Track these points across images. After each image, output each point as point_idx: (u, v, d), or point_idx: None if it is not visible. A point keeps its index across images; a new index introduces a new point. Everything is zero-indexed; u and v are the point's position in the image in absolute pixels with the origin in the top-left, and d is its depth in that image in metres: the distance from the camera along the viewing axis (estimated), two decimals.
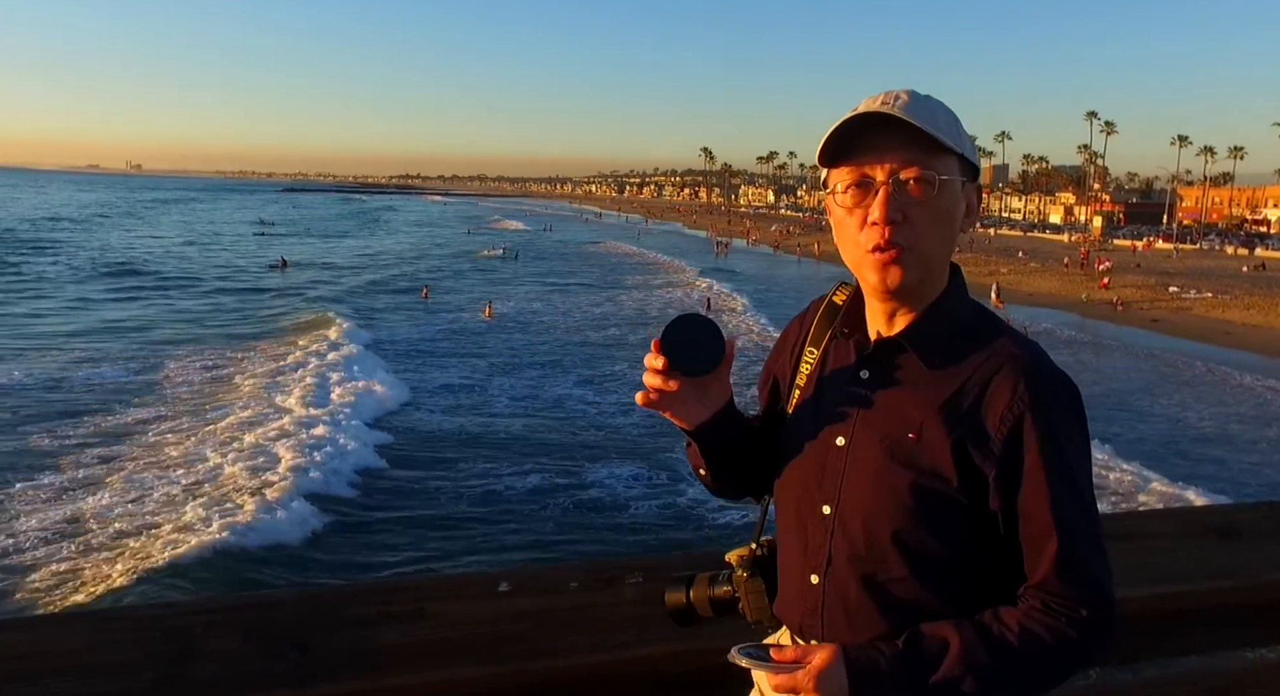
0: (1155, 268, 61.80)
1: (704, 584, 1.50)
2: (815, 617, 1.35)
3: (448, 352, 30.33)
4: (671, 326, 1.32)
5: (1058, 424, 1.25)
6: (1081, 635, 1.21)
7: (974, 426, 1.25)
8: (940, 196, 1.27)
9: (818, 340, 1.45)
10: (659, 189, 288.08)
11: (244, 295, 43.56)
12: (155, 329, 32.83)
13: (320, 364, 25.84)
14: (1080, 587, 1.22)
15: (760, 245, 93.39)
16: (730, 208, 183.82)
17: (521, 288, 50.56)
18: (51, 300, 39.81)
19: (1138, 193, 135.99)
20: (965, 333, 1.32)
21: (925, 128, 1.24)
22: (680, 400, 1.34)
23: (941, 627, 1.23)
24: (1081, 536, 1.23)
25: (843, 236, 1.33)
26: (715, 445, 1.41)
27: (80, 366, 25.71)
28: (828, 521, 1.33)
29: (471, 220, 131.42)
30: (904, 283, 1.28)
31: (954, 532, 1.27)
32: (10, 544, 13.36)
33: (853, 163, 1.29)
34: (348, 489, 16.21)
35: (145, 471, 16.56)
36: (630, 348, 30.97)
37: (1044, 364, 1.28)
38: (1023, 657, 1.21)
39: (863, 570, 1.30)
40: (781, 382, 1.50)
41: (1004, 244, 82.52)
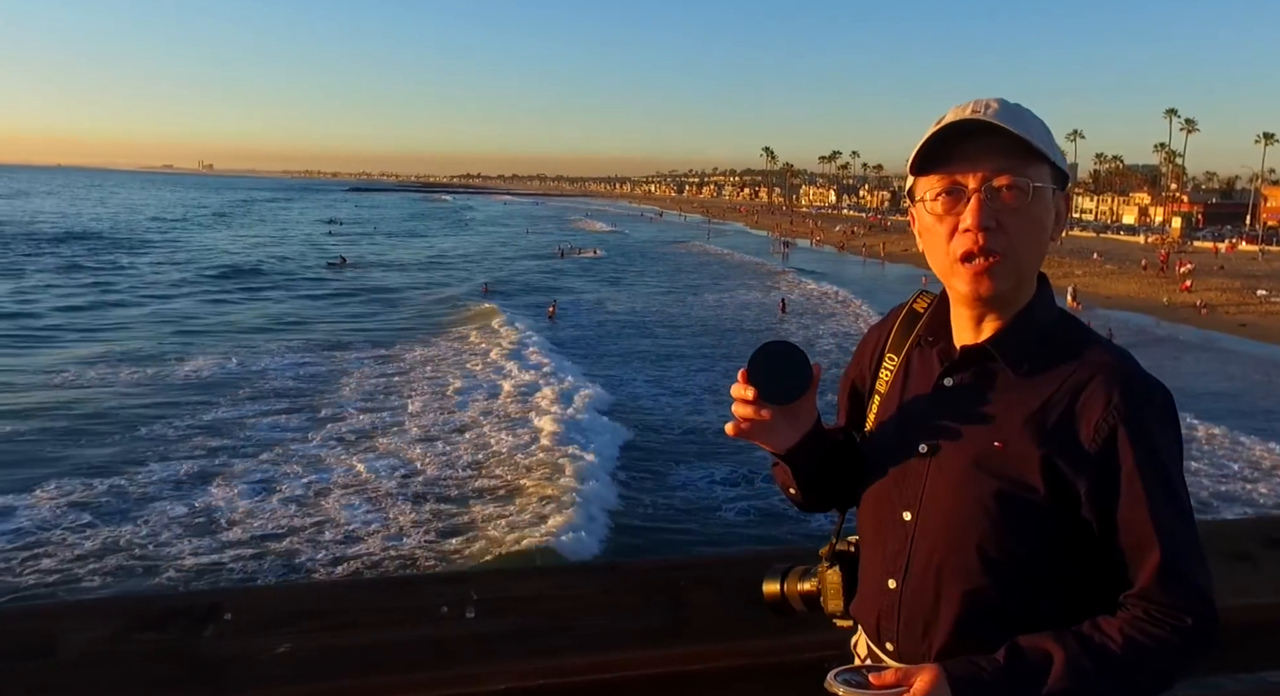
0: (1240, 270, 59.52)
1: (796, 577, 1.52)
2: (891, 620, 1.35)
3: (613, 351, 30.93)
4: (758, 355, 1.31)
5: (1154, 432, 1.24)
6: (1186, 643, 1.21)
7: (1065, 436, 1.24)
8: (1033, 204, 1.27)
9: (898, 347, 1.45)
10: (719, 189, 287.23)
11: (383, 295, 44.42)
12: (310, 324, 34.27)
13: (504, 352, 28.14)
14: (1183, 596, 1.21)
15: (824, 246, 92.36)
16: (792, 208, 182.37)
17: (634, 286, 51.71)
18: (188, 299, 41.00)
19: (1217, 192, 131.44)
20: (1053, 340, 1.31)
21: (1019, 133, 1.24)
22: (771, 428, 1.34)
23: (1042, 639, 1.21)
24: (1183, 544, 1.23)
25: (931, 244, 1.32)
26: (806, 465, 1.41)
27: (282, 356, 27.00)
28: (907, 527, 1.34)
29: (551, 219, 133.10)
30: (996, 290, 1.28)
31: (1038, 542, 1.26)
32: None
33: (943, 170, 1.28)
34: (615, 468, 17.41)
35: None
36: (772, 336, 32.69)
37: (1137, 372, 1.27)
38: (1128, 667, 1.20)
39: (943, 577, 1.30)
40: (861, 390, 1.50)
41: (1076, 245, 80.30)
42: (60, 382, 23.32)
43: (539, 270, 59.22)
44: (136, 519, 14.18)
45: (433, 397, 22.46)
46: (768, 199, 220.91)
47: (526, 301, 42.16)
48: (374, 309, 39.10)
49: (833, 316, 40.69)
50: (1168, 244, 79.21)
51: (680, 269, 62.74)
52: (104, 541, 13.23)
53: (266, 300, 41.28)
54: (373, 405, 21.47)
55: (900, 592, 1.34)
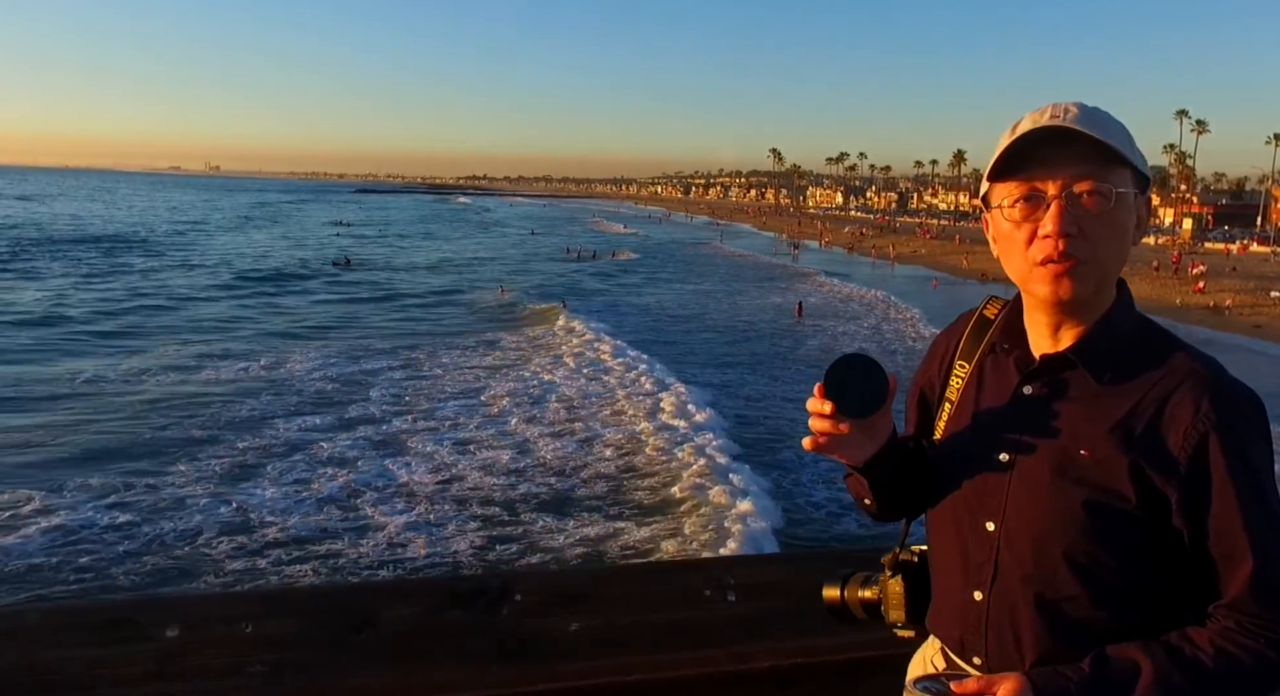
0: (1253, 272, 59.43)
1: (857, 583, 1.51)
2: (979, 634, 1.33)
3: (688, 355, 31.02)
4: (834, 368, 1.30)
5: (1246, 441, 1.22)
6: (1279, 656, 1.19)
7: (1153, 444, 1.22)
8: (1115, 209, 1.25)
9: (969, 354, 1.44)
10: (725, 190, 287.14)
11: (438, 297, 44.48)
12: (360, 320, 34.80)
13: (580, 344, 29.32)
14: (1277, 608, 1.19)
15: (833, 247, 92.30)
16: (799, 209, 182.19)
17: (676, 285, 52.24)
18: (229, 302, 40.78)
19: (1226, 193, 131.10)
20: (1137, 347, 1.29)
21: (1100, 138, 1.22)
22: (848, 441, 1.33)
23: (1129, 649, 1.19)
24: (1276, 555, 1.21)
25: (1008, 250, 1.30)
26: (883, 477, 1.40)
27: (363, 355, 27.53)
28: (992, 538, 1.32)
29: (569, 221, 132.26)
30: (1077, 295, 1.26)
31: (1129, 551, 1.25)
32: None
33: (1020, 177, 1.27)
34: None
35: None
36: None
37: (1226, 379, 1.25)
38: (1219, 680, 1.18)
39: (1032, 588, 1.28)
40: (930, 398, 1.49)
41: None
42: (187, 381, 23.85)
43: (588, 273, 58.87)
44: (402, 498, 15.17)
45: (577, 388, 23.48)
46: (774, 200, 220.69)
47: (592, 305, 42.30)
48: (448, 312, 39.38)
49: (886, 321, 40.40)
50: (1179, 245, 79.06)
51: (713, 270, 63.02)
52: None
53: (327, 302, 41.28)
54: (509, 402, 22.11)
55: (987, 605, 1.32)
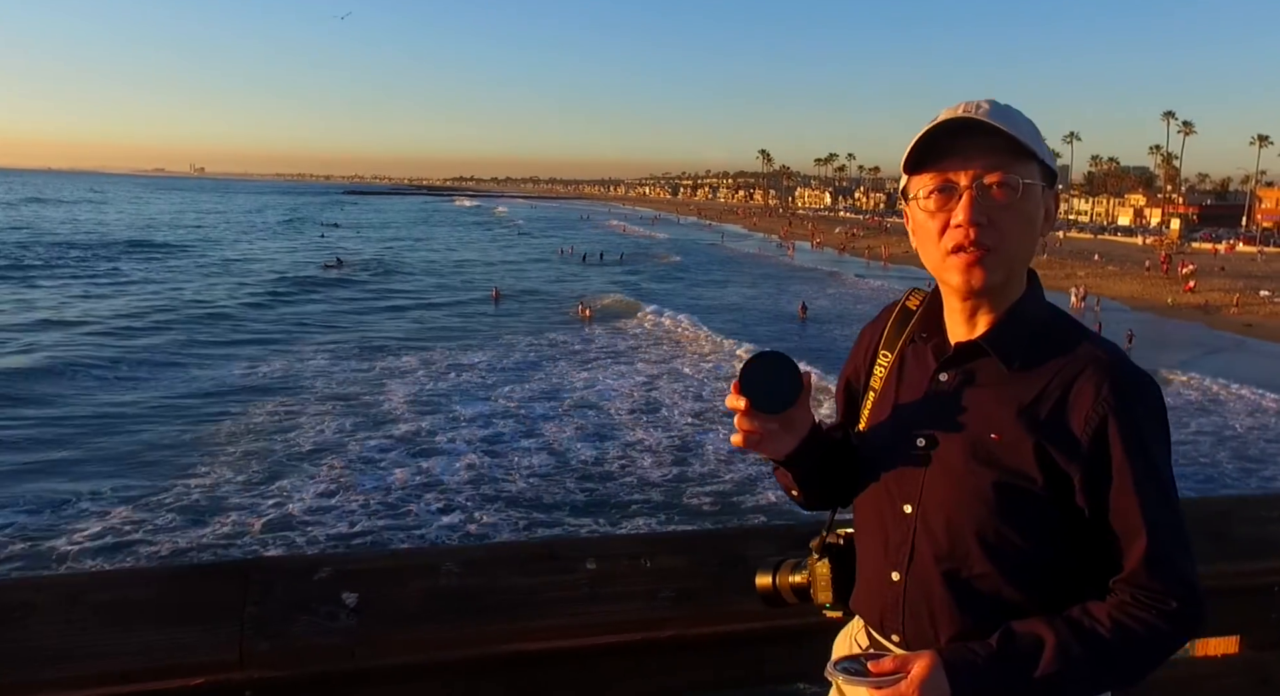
0: (1240, 271, 60.17)
1: (788, 569, 1.57)
2: (896, 613, 1.38)
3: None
4: (748, 368, 1.34)
5: (1142, 423, 1.28)
6: (1171, 626, 1.26)
7: (1058, 427, 1.28)
8: (1023, 200, 1.30)
9: (891, 344, 1.49)
10: (713, 191, 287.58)
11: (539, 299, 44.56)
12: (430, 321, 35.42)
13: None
14: (1169, 581, 1.26)
15: (825, 247, 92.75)
16: (789, 209, 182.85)
17: (732, 286, 53.18)
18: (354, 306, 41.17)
19: (1211, 194, 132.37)
20: (1045, 335, 1.35)
21: (1009, 131, 1.28)
22: (769, 436, 1.38)
23: (1034, 624, 1.25)
24: (1169, 532, 1.27)
25: (924, 240, 1.35)
26: (806, 468, 1.44)
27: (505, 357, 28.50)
28: (909, 520, 1.37)
29: (583, 222, 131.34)
30: (987, 283, 1.31)
31: (1036, 530, 1.30)
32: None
33: (936, 169, 1.32)
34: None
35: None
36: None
37: (1126, 364, 1.31)
38: (1116, 650, 1.24)
39: (945, 567, 1.33)
40: (856, 387, 1.54)
41: (1075, 247, 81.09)
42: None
43: (647, 274, 58.93)
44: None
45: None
46: (763, 201, 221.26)
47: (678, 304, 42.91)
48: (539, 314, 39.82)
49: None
50: (1166, 245, 79.91)
51: (742, 271, 63.82)
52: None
53: (408, 308, 41.16)
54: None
55: (904, 585, 1.37)
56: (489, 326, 36.03)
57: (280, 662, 1.54)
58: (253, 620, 1.56)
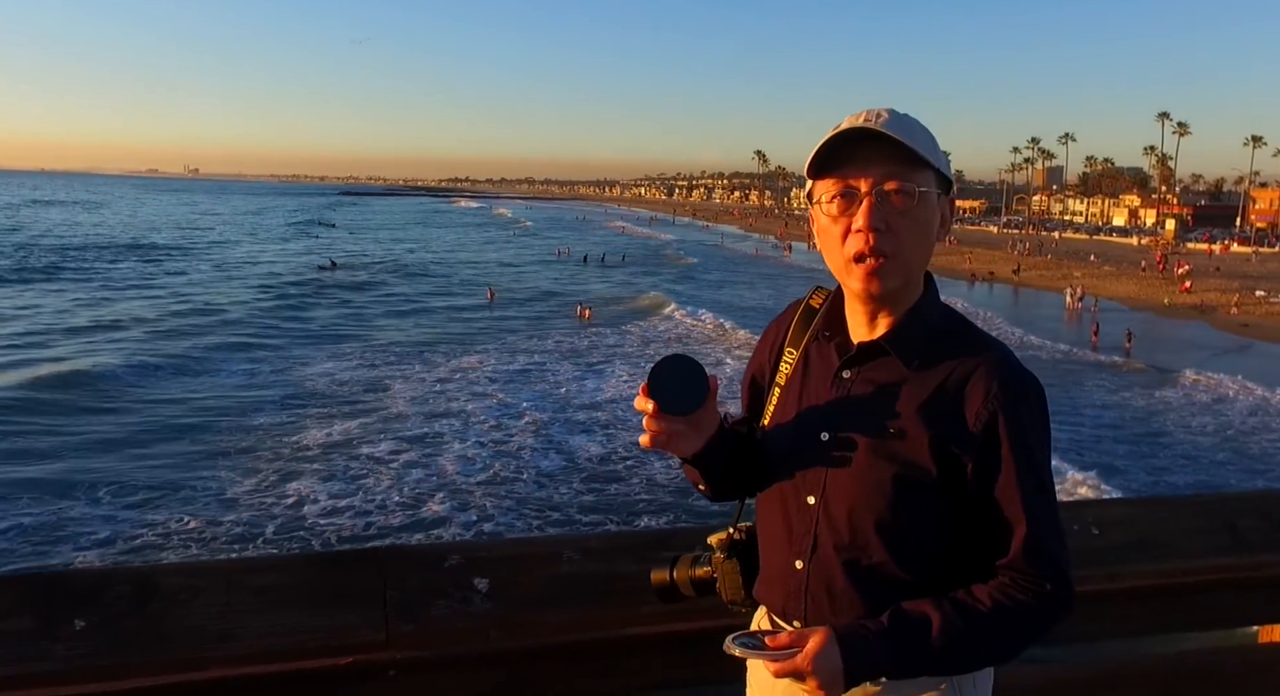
0: (1236, 271, 60.48)
1: (686, 564, 1.63)
2: (799, 600, 1.45)
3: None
4: (655, 370, 1.38)
5: (1025, 420, 1.37)
6: (1045, 608, 1.36)
7: (952, 423, 1.36)
8: (919, 207, 1.37)
9: (796, 341, 1.54)
10: (709, 192, 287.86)
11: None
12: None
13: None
14: (1044, 566, 1.36)
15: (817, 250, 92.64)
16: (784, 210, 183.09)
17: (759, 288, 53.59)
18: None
19: (1205, 194, 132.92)
20: (941, 335, 1.43)
21: (906, 142, 1.34)
22: (677, 436, 1.42)
23: (921, 604, 1.34)
24: (1045, 522, 1.37)
25: (827, 243, 1.41)
26: (714, 465, 1.50)
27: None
28: (812, 511, 1.43)
29: (582, 224, 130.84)
30: (885, 289, 1.38)
31: (931, 519, 1.38)
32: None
33: (838, 174, 1.38)
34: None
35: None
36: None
37: (1013, 365, 1.40)
38: (994, 627, 1.34)
39: (847, 556, 1.40)
40: (761, 382, 1.59)
41: (1071, 247, 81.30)
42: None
43: (674, 278, 58.81)
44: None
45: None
46: (759, 202, 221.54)
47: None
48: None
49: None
50: (1162, 245, 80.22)
51: (761, 274, 64.32)
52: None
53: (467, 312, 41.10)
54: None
55: (807, 572, 1.44)
56: (527, 325, 36.44)
57: (423, 643, 1.64)
58: (394, 604, 1.65)
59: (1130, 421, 23.78)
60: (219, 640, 1.55)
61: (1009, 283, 58.11)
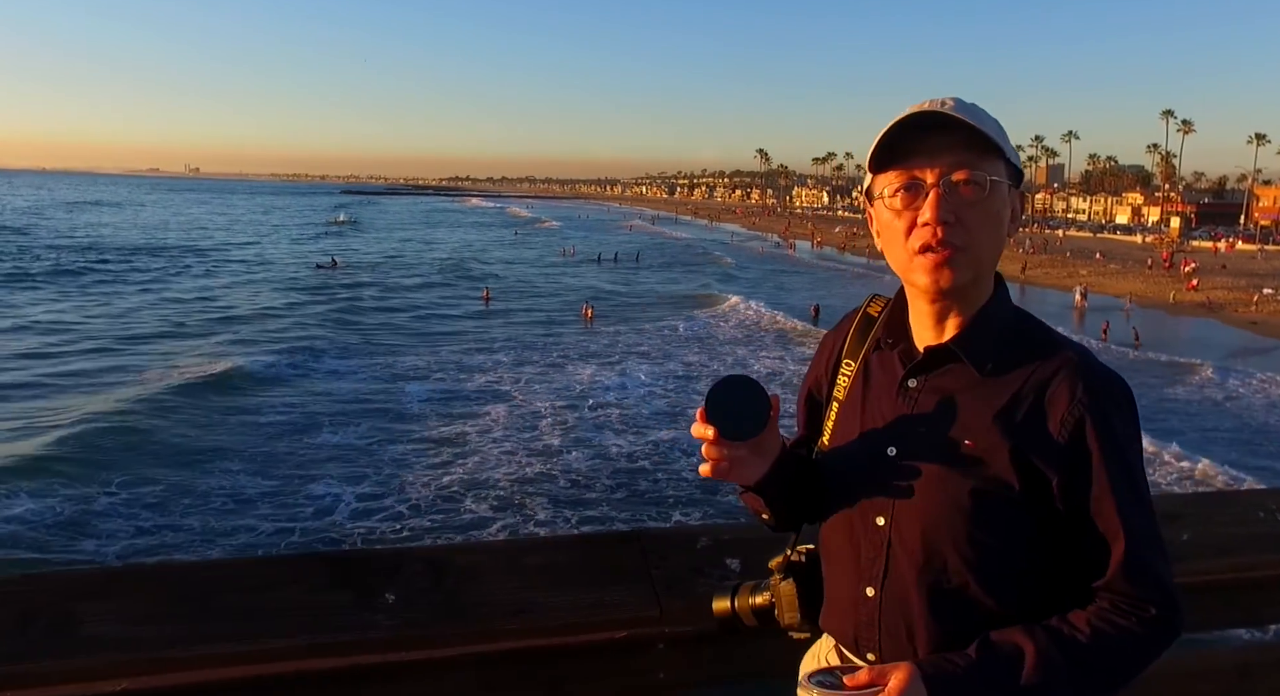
0: (1242, 269, 60.63)
1: (747, 592, 1.53)
2: (872, 629, 1.35)
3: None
4: (714, 393, 1.29)
5: (1117, 426, 1.26)
6: (1150, 632, 1.24)
7: (1034, 431, 1.26)
8: (991, 198, 1.27)
9: (854, 352, 1.45)
10: (710, 190, 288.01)
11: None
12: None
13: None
14: (1147, 587, 1.24)
15: (825, 247, 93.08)
16: (787, 209, 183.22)
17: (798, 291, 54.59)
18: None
19: (1209, 192, 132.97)
20: (1015, 338, 1.33)
21: (978, 127, 1.25)
22: (739, 463, 1.33)
23: (1013, 633, 1.23)
24: (1145, 537, 1.25)
25: (890, 240, 1.32)
26: (778, 492, 1.40)
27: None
28: (882, 532, 1.33)
29: (602, 223, 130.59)
30: (955, 283, 1.28)
31: (1015, 537, 1.27)
32: None
33: (901, 166, 1.28)
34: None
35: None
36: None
37: (1098, 366, 1.29)
38: (1096, 657, 1.22)
39: (923, 580, 1.30)
40: (819, 398, 1.50)
41: (1075, 245, 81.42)
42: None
43: (718, 276, 59.66)
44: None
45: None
46: (761, 200, 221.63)
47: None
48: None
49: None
50: (1167, 243, 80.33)
51: (786, 270, 65.48)
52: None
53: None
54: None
55: (879, 600, 1.33)
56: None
57: (690, 618, 1.72)
58: (661, 581, 1.75)
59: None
60: (514, 613, 1.65)
61: (1015, 280, 58.31)
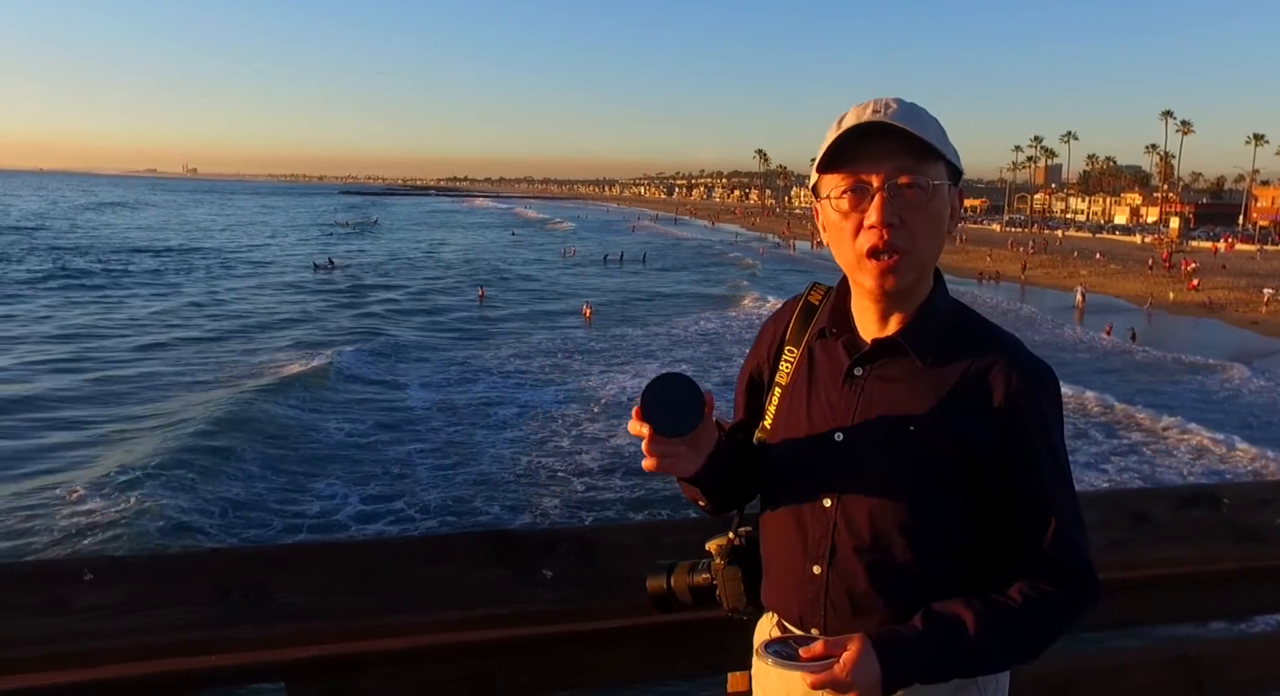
0: (1242, 269, 60.61)
1: (684, 572, 1.58)
2: (818, 607, 1.41)
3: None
4: (648, 392, 1.31)
5: (1047, 412, 1.36)
6: (1074, 600, 1.35)
7: (972, 418, 1.34)
8: (933, 200, 1.34)
9: (796, 340, 1.50)
10: (709, 191, 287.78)
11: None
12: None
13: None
14: (1071, 560, 1.35)
15: (825, 247, 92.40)
16: (786, 209, 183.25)
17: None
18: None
19: (1206, 193, 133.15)
20: (954, 330, 1.40)
21: (918, 134, 1.31)
22: (678, 458, 1.36)
23: (953, 605, 1.32)
24: (1069, 514, 1.36)
25: (837, 239, 1.38)
26: (714, 481, 1.45)
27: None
28: (829, 513, 1.39)
29: (609, 225, 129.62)
30: (900, 285, 1.35)
31: (955, 517, 1.36)
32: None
33: (848, 169, 1.34)
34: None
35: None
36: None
37: (1028, 356, 1.39)
38: (1027, 623, 1.33)
39: (869, 558, 1.37)
40: (760, 382, 1.55)
41: (1074, 246, 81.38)
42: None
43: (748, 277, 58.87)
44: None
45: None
46: (759, 201, 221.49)
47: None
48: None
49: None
50: (1166, 243, 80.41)
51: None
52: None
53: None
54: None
55: (826, 577, 1.39)
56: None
57: None
58: None
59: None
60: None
61: (1015, 280, 58.31)
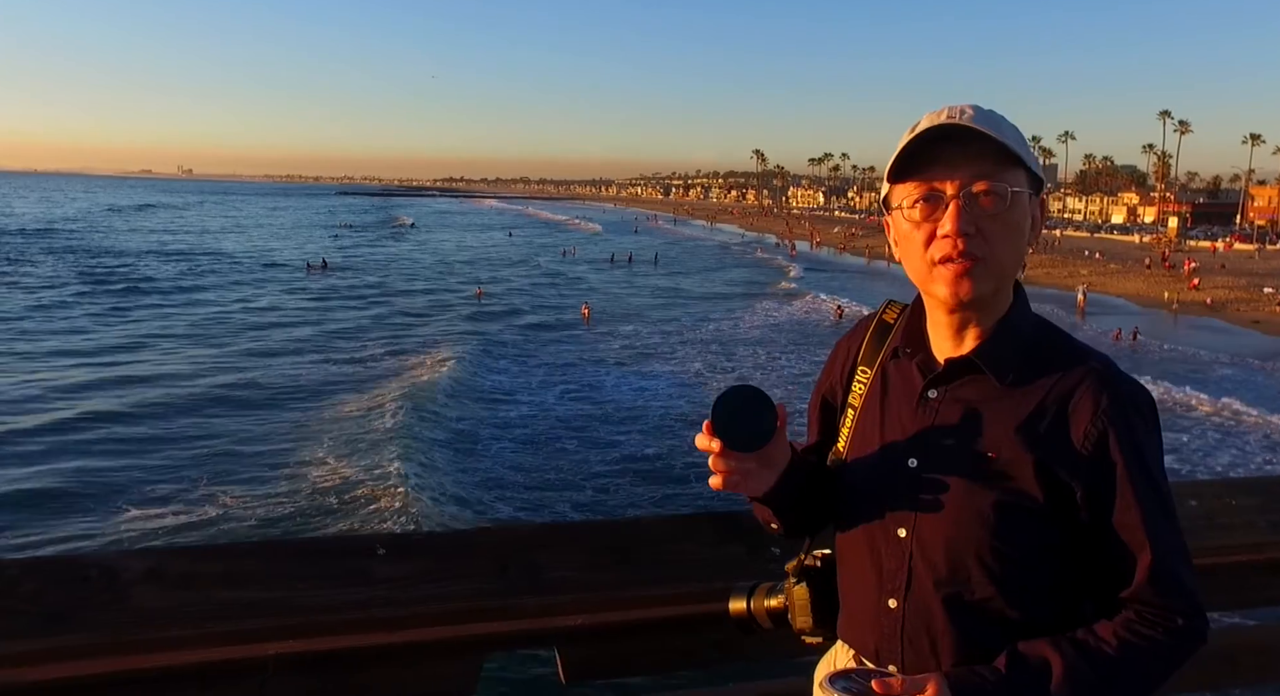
0: (1241, 268, 60.89)
1: (762, 594, 1.52)
2: (894, 641, 1.34)
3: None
4: (720, 405, 1.27)
5: (1141, 436, 1.26)
6: (1177, 642, 1.24)
7: (1057, 442, 1.25)
8: (1011, 209, 1.26)
9: (870, 360, 1.44)
10: (705, 191, 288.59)
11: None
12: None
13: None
14: (1174, 597, 1.24)
15: (824, 247, 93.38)
16: (784, 209, 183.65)
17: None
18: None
19: (1204, 192, 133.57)
20: (1036, 348, 1.32)
21: (996, 137, 1.24)
22: (748, 475, 1.31)
23: (1039, 646, 1.23)
24: (1172, 547, 1.25)
25: (909, 251, 1.31)
26: (786, 502, 1.39)
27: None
28: (904, 544, 1.32)
29: (627, 224, 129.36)
30: (976, 294, 1.27)
31: (1038, 549, 1.27)
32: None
33: (920, 177, 1.28)
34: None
35: None
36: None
37: (1121, 376, 1.29)
38: (1123, 669, 1.22)
39: (946, 592, 1.29)
40: (833, 404, 1.49)
41: (1073, 245, 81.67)
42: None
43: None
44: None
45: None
46: (757, 201, 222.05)
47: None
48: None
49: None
50: (1165, 243, 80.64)
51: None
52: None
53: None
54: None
55: (902, 612, 1.32)
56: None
57: None
58: None
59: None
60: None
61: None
